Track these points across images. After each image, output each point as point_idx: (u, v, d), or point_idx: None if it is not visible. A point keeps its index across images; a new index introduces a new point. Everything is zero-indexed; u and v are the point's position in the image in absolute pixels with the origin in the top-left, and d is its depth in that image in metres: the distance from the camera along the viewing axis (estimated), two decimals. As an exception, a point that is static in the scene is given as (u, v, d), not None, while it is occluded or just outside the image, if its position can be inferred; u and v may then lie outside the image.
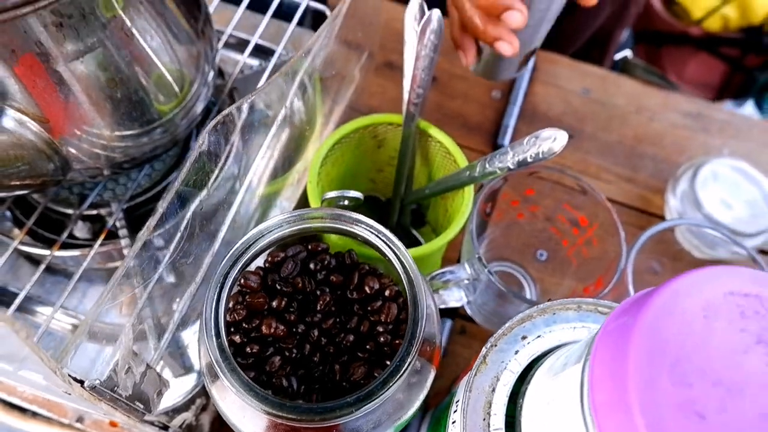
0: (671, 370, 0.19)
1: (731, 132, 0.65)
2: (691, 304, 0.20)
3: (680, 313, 0.20)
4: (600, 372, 0.20)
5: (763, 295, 0.20)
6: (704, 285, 0.20)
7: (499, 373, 0.31)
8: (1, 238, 0.41)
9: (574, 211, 0.47)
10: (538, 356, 0.31)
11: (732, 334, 0.19)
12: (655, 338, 0.19)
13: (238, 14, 0.53)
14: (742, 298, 0.20)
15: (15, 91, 0.32)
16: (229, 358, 0.29)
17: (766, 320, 0.20)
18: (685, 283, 0.20)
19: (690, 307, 0.20)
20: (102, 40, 0.32)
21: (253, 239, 0.32)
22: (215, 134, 0.31)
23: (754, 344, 0.19)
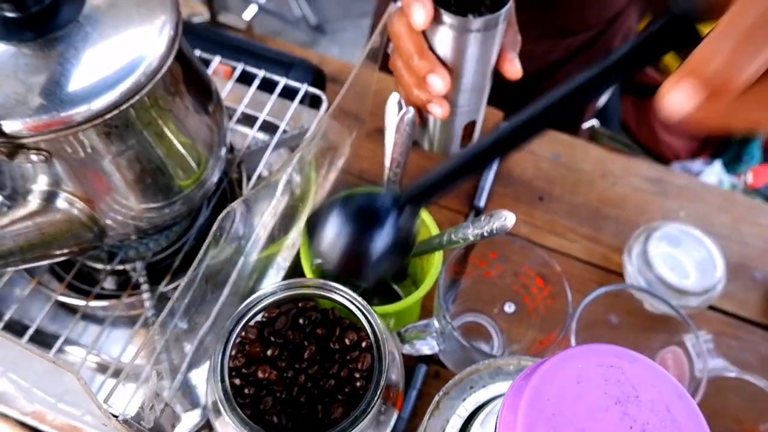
0: (548, 421, 0.26)
1: (688, 196, 0.72)
2: (568, 373, 0.27)
3: (559, 379, 0.27)
4: (504, 421, 0.28)
5: (623, 367, 0.27)
6: (580, 358, 0.28)
7: (449, 417, 0.38)
8: (43, 289, 0.49)
9: (533, 273, 0.54)
10: (481, 404, 0.39)
11: (597, 395, 0.27)
12: (539, 397, 0.26)
13: (249, 94, 0.62)
14: (608, 368, 0.27)
15: (68, 179, 0.40)
16: (231, 399, 0.36)
17: (624, 386, 0.27)
18: (565, 356, 0.28)
19: (567, 375, 0.27)
20: (139, 140, 0.40)
21: (253, 302, 0.39)
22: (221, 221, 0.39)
23: (613, 404, 0.27)
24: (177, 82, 0.43)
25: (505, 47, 0.45)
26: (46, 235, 0.38)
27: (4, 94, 0.35)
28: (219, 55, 0.69)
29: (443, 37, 0.43)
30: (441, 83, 0.42)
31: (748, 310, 0.64)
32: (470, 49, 0.43)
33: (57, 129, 0.35)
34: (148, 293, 0.49)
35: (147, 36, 0.39)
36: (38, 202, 0.39)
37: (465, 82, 0.46)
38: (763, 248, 0.68)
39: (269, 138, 0.61)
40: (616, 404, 0.27)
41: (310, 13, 2.20)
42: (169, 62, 0.39)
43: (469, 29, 0.41)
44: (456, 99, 0.47)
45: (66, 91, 0.35)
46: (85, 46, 0.37)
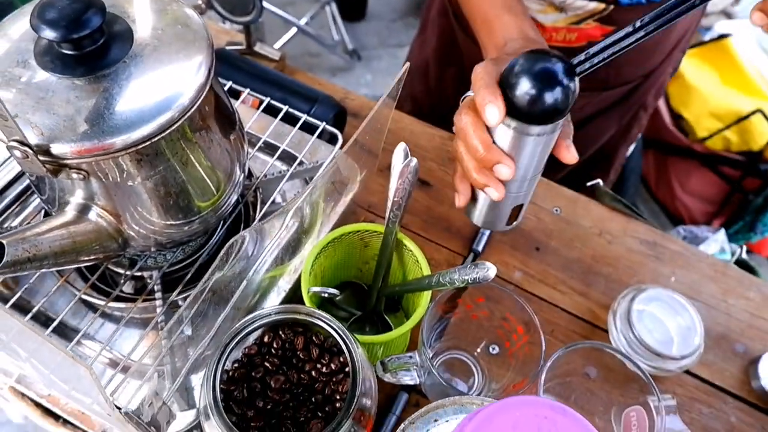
0: (482, 460, 0.30)
1: (681, 263, 0.75)
2: (505, 419, 0.31)
3: (497, 425, 0.31)
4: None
5: (556, 420, 0.31)
6: (519, 407, 0.32)
7: (411, 445, 0.42)
8: (69, 287, 0.55)
9: (515, 321, 0.58)
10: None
11: (528, 442, 0.31)
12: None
13: (272, 127, 0.67)
14: (542, 419, 0.31)
15: (100, 195, 0.45)
16: (219, 405, 0.41)
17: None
18: (506, 404, 0.32)
19: (503, 421, 0.31)
20: (166, 167, 0.46)
21: (248, 322, 0.44)
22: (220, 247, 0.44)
23: (539, 450, 0.30)
24: (205, 117, 0.48)
25: (560, 136, 0.49)
26: (77, 243, 0.43)
27: (56, 120, 0.41)
28: (250, 84, 0.75)
29: (504, 135, 0.46)
30: (508, 172, 0.46)
31: (724, 380, 0.66)
32: (528, 148, 0.47)
33: (97, 154, 0.41)
34: (160, 300, 0.54)
35: (183, 77, 0.44)
36: (73, 213, 0.45)
37: (520, 174, 0.49)
38: (748, 322, 0.70)
39: (287, 168, 0.66)
40: (543, 451, 0.30)
41: (348, 39, 2.28)
42: (200, 102, 0.45)
43: (529, 133, 0.45)
44: (509, 185, 0.50)
45: (108, 122, 0.41)
46: (128, 84, 0.42)
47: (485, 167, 0.47)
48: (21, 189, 0.61)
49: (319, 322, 0.44)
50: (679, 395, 0.65)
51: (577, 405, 0.62)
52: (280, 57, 0.89)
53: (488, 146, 0.46)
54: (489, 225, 0.57)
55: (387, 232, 0.57)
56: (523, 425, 0.31)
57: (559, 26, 0.79)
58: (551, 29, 0.80)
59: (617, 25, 0.76)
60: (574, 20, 0.78)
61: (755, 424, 0.64)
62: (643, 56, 0.86)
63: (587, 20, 0.77)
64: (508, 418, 0.31)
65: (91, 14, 0.41)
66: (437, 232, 0.75)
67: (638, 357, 0.64)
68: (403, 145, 0.56)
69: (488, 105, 0.43)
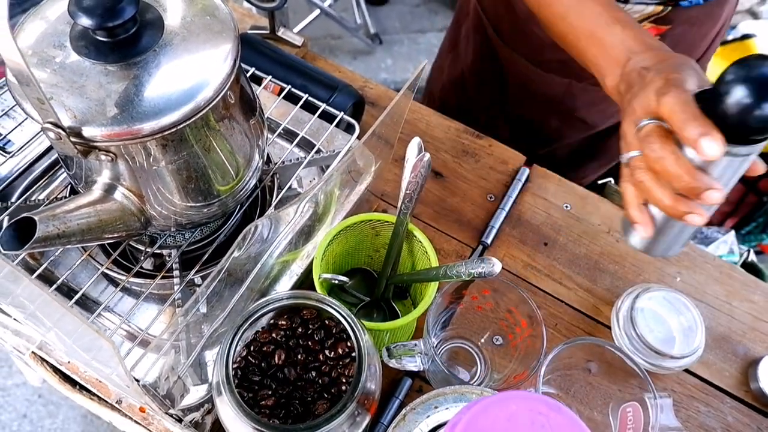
0: (476, 447, 0.32)
1: (687, 263, 0.76)
2: (501, 411, 0.33)
3: (493, 416, 0.33)
4: (444, 440, 0.34)
5: (549, 416, 0.33)
6: (515, 401, 0.33)
7: (411, 429, 0.44)
8: (92, 262, 0.57)
9: (519, 315, 0.60)
10: (442, 423, 0.44)
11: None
12: (473, 424, 0.32)
13: (291, 114, 0.69)
14: (536, 414, 0.33)
15: (125, 177, 0.48)
16: (231, 382, 0.43)
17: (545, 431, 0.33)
18: (502, 397, 0.33)
19: (500, 413, 0.33)
20: (189, 152, 0.48)
21: (261, 305, 0.46)
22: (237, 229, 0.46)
23: (532, 442, 0.32)
24: (228, 105, 0.50)
25: None
26: (103, 221, 0.45)
27: (88, 104, 0.43)
28: (272, 70, 0.76)
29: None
30: (719, 196, 0.44)
31: (723, 380, 0.68)
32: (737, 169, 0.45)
33: (125, 139, 0.43)
34: (178, 278, 0.57)
35: (210, 67, 0.46)
36: (100, 192, 0.47)
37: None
38: (751, 325, 0.71)
39: (304, 155, 0.68)
40: (535, 443, 0.32)
41: (370, 23, 2.28)
42: (224, 91, 0.46)
43: (739, 154, 0.43)
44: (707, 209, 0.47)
45: (137, 108, 0.43)
46: (157, 72, 0.44)
47: (690, 195, 0.45)
48: (49, 163, 0.64)
49: (329, 308, 0.46)
50: (678, 393, 0.67)
51: (577, 398, 0.64)
52: (302, 43, 0.90)
53: (694, 174, 0.43)
54: (664, 251, 0.54)
55: (398, 222, 0.58)
56: (517, 419, 0.33)
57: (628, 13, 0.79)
58: None
59: (672, 24, 0.76)
60: None
61: (751, 425, 0.65)
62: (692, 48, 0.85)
63: (643, 23, 0.77)
64: (503, 410, 0.33)
65: (126, 4, 0.43)
66: (448, 223, 0.77)
67: (639, 354, 0.65)
68: (417, 139, 0.58)
69: (705, 139, 0.41)
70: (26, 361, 0.65)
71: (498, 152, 0.84)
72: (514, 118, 0.98)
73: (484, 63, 0.95)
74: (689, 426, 0.64)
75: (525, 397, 0.33)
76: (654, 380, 0.67)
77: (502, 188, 0.80)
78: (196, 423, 0.56)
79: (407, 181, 0.56)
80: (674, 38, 0.80)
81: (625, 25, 0.55)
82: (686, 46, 0.84)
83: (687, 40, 0.82)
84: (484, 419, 0.33)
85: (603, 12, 0.56)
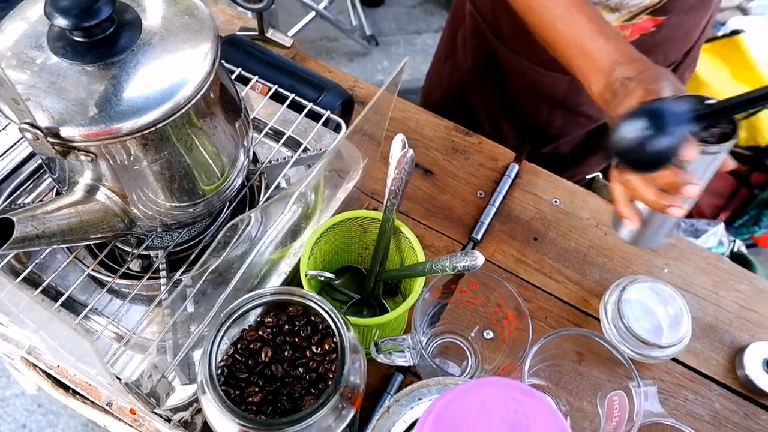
0: (450, 434, 0.32)
1: (675, 255, 0.76)
2: (475, 398, 0.33)
3: (465, 401, 0.33)
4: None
5: (523, 401, 0.33)
6: (489, 387, 0.34)
7: (395, 421, 0.44)
8: (79, 263, 0.58)
9: (506, 308, 0.60)
10: (426, 414, 0.45)
11: (495, 420, 0.33)
12: (445, 415, 0.33)
13: (278, 114, 0.69)
14: (510, 399, 0.33)
15: (107, 177, 0.48)
16: (215, 381, 0.43)
17: (519, 416, 0.33)
18: (475, 384, 0.34)
19: (472, 400, 0.33)
20: (171, 152, 0.48)
21: (245, 302, 0.46)
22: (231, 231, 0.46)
23: (506, 428, 0.32)
24: (210, 104, 0.50)
25: None
26: (85, 222, 0.46)
27: (66, 104, 0.43)
28: (261, 70, 0.76)
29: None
30: (696, 189, 0.50)
31: (710, 368, 0.68)
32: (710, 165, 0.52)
33: (104, 138, 0.43)
34: (165, 279, 0.57)
35: (189, 66, 0.46)
36: (82, 193, 0.47)
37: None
38: (737, 314, 0.72)
39: (292, 154, 0.69)
40: (509, 429, 0.32)
41: (366, 24, 2.28)
42: (204, 90, 0.47)
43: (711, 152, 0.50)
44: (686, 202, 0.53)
45: (115, 108, 0.43)
46: (136, 71, 0.45)
47: (671, 190, 0.51)
48: (34, 167, 0.64)
49: (312, 303, 0.47)
50: (666, 382, 0.67)
51: (567, 389, 0.64)
52: (291, 44, 0.90)
53: (674, 172, 0.50)
54: (649, 242, 0.62)
55: (384, 219, 0.59)
56: (491, 404, 0.33)
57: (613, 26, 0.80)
58: None
59: (669, 14, 0.78)
60: (627, 17, 0.79)
61: (738, 411, 0.65)
62: (686, 36, 0.87)
63: (640, 15, 0.78)
64: (477, 397, 0.33)
65: (102, 4, 0.43)
66: (438, 220, 0.77)
67: (627, 345, 0.66)
68: (401, 135, 0.58)
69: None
70: (17, 366, 0.65)
71: (488, 149, 0.84)
72: (518, 120, 0.99)
73: (485, 67, 0.96)
74: (677, 414, 0.64)
75: (498, 383, 0.34)
76: (642, 370, 0.68)
77: (492, 185, 0.80)
78: (186, 422, 0.56)
79: (392, 178, 0.57)
80: (671, 27, 0.81)
81: (609, 37, 0.60)
82: (682, 35, 0.85)
83: (682, 28, 0.84)
84: (457, 406, 0.33)
85: (589, 24, 0.61)
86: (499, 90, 0.96)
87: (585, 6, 0.63)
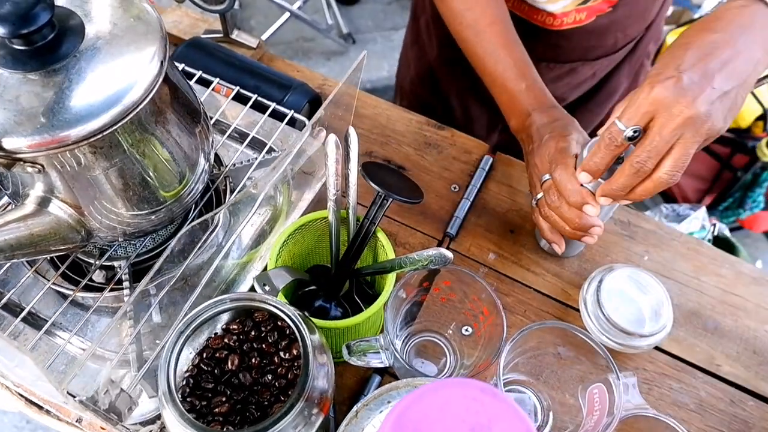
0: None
1: (654, 241, 0.76)
2: (435, 399, 0.32)
3: (426, 403, 0.32)
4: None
5: (484, 401, 0.32)
6: (450, 389, 0.32)
7: (364, 426, 0.43)
8: (39, 278, 0.56)
9: (480, 302, 0.59)
10: (396, 417, 0.43)
11: (456, 421, 0.31)
12: (406, 418, 0.31)
13: (241, 115, 0.68)
14: (471, 400, 0.32)
15: (60, 188, 0.46)
16: (173, 393, 0.42)
17: (480, 417, 0.32)
18: (436, 386, 0.32)
19: (433, 401, 0.32)
20: (123, 158, 0.46)
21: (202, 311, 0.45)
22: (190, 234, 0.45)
23: (467, 430, 0.31)
24: (162, 108, 0.49)
25: None
26: (35, 236, 0.44)
27: (7, 115, 0.41)
28: (225, 72, 0.75)
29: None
30: (600, 230, 0.62)
31: (694, 355, 0.67)
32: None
33: (50, 148, 0.42)
34: (128, 289, 0.55)
35: (135, 69, 0.45)
36: (33, 206, 0.46)
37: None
38: (720, 298, 0.71)
39: (258, 155, 0.67)
40: (469, 431, 0.31)
41: (342, 23, 2.27)
42: (153, 93, 0.45)
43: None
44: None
45: (60, 116, 0.42)
46: (79, 77, 0.43)
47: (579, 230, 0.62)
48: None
49: (273, 309, 0.45)
50: (649, 372, 0.66)
51: (548, 383, 0.63)
52: (258, 44, 0.89)
53: (581, 218, 0.61)
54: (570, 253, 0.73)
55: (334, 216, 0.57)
56: (450, 406, 0.32)
57: (568, 10, 0.81)
58: (561, 15, 0.82)
59: None
60: (581, 0, 0.79)
61: (724, 398, 0.64)
62: (646, 11, 0.88)
63: None
64: (437, 398, 0.32)
65: (40, 10, 0.41)
66: (412, 216, 0.76)
67: (608, 335, 0.65)
68: (333, 136, 0.56)
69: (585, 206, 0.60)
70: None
71: (460, 142, 0.83)
72: (487, 102, 0.98)
73: (450, 51, 0.95)
74: (662, 404, 0.63)
75: (459, 384, 0.32)
76: (625, 360, 0.67)
77: (466, 178, 0.79)
78: (156, 436, 0.55)
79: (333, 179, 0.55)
80: (627, 6, 0.81)
81: (530, 83, 0.70)
82: (641, 11, 0.85)
83: (641, 4, 0.84)
84: (418, 409, 0.32)
85: (514, 67, 0.70)
86: (465, 72, 0.96)
87: (513, 47, 0.71)
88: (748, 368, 0.66)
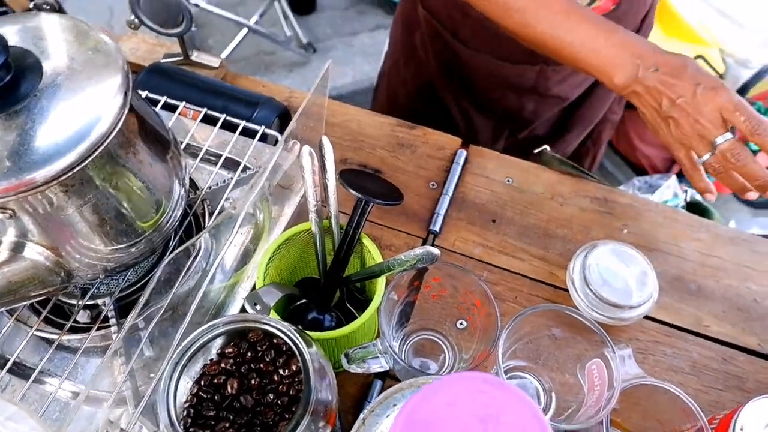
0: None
1: (632, 214, 0.77)
2: (441, 395, 0.32)
3: (433, 401, 0.32)
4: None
5: (490, 392, 0.32)
6: (454, 384, 0.32)
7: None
8: (21, 325, 0.55)
9: (471, 295, 0.59)
10: (403, 420, 0.43)
11: (465, 416, 0.31)
12: (415, 415, 0.31)
13: (211, 137, 0.67)
14: (476, 392, 0.32)
15: (34, 231, 0.45)
16: (175, 425, 0.41)
17: (489, 408, 0.32)
18: (441, 383, 0.32)
19: (440, 398, 0.32)
20: (96, 194, 0.46)
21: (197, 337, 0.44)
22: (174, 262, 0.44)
23: (477, 422, 0.31)
24: (130, 138, 0.48)
25: None
26: (13, 283, 0.43)
27: (-29, 163, 0.40)
28: (189, 95, 0.74)
29: None
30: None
31: (682, 319, 0.68)
32: None
33: (19, 192, 0.41)
34: (115, 326, 0.54)
35: (99, 103, 0.44)
36: (7, 252, 0.44)
37: None
38: (700, 261, 0.72)
39: (233, 175, 0.66)
40: (480, 423, 0.31)
41: (301, 33, 2.26)
42: (119, 127, 0.44)
43: None
44: None
45: (26, 158, 0.41)
46: (42, 117, 0.42)
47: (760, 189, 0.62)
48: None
49: (267, 327, 0.45)
50: (642, 341, 0.67)
51: (547, 366, 0.63)
52: (219, 64, 0.88)
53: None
54: None
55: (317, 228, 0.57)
56: (458, 400, 0.32)
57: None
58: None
59: None
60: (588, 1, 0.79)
61: (716, 357, 0.66)
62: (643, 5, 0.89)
63: None
64: (443, 395, 0.32)
65: (-7, 52, 0.40)
66: (394, 217, 0.76)
67: (598, 311, 0.65)
68: (307, 148, 0.56)
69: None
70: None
71: (433, 140, 0.83)
72: (491, 111, 0.99)
73: (449, 66, 0.95)
74: (658, 370, 0.65)
75: (463, 378, 0.32)
76: (618, 333, 0.68)
77: (443, 174, 0.80)
78: (162, 470, 0.54)
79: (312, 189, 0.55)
80: (628, 2, 0.82)
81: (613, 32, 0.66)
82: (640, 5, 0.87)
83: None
84: (426, 407, 0.32)
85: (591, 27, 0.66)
86: (467, 86, 0.96)
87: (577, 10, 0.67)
88: (735, 325, 0.68)
